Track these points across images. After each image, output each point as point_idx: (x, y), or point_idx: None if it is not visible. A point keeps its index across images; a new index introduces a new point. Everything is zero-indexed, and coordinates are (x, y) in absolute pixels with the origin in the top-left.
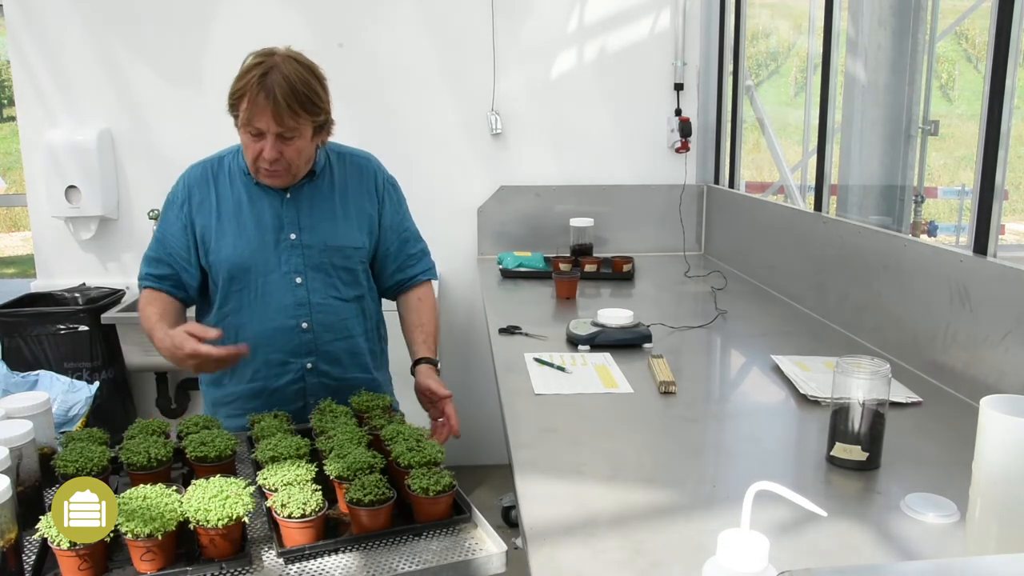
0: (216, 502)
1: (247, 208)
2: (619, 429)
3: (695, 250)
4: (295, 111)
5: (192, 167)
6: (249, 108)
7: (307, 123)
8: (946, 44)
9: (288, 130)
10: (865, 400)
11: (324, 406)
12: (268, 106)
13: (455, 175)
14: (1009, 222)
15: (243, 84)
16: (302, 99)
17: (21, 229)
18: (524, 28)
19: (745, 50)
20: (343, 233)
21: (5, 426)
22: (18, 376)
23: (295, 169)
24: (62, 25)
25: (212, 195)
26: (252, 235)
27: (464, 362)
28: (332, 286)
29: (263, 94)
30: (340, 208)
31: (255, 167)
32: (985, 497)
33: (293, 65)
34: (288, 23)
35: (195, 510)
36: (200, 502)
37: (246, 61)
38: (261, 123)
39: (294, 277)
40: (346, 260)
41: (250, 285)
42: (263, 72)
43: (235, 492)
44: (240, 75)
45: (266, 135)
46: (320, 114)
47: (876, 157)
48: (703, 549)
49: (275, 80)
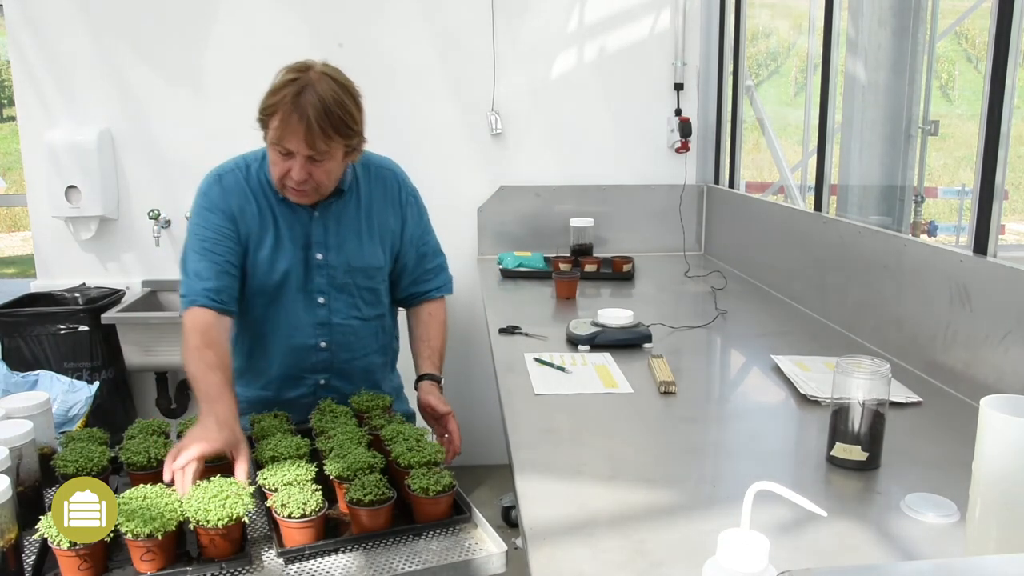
0: (216, 502)
1: (280, 222)
2: (619, 429)
3: (695, 250)
4: (328, 134)
5: (224, 174)
6: (280, 127)
7: (339, 146)
8: (946, 44)
9: (319, 153)
10: (865, 400)
11: (324, 406)
12: (300, 128)
13: (455, 175)
14: (1009, 222)
15: (276, 101)
16: (336, 121)
17: (21, 229)
18: (524, 28)
19: (745, 50)
20: (368, 253)
21: (5, 426)
22: (18, 376)
23: (322, 189)
24: (62, 25)
25: (249, 206)
26: (286, 251)
27: (464, 362)
28: (354, 306)
29: (296, 115)
30: (365, 227)
31: (281, 184)
32: (985, 497)
33: (328, 84)
34: (288, 23)
35: (195, 510)
36: (200, 502)
37: (279, 76)
38: (291, 144)
39: (317, 297)
40: (369, 280)
41: (278, 301)
42: (297, 91)
43: (235, 492)
44: (273, 90)
45: (296, 155)
46: (353, 137)
47: (876, 157)
48: (703, 549)
49: (309, 100)
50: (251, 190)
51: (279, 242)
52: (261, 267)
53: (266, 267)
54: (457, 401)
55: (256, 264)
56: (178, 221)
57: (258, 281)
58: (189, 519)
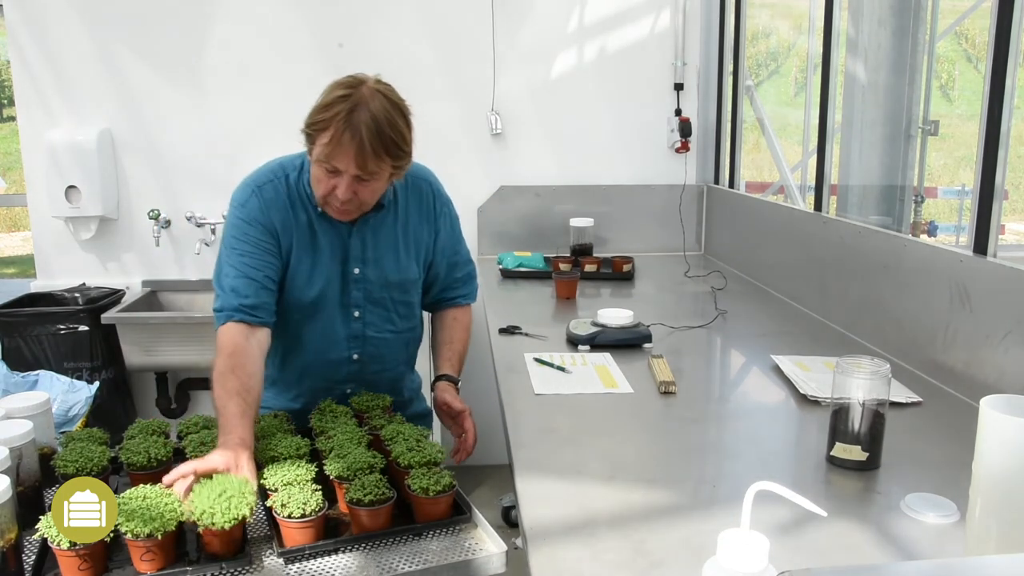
0: (220, 502)
1: (321, 237)
2: (619, 429)
3: (695, 250)
4: (379, 156)
5: (263, 185)
6: (331, 145)
7: (388, 167)
8: (946, 44)
9: (368, 174)
10: (865, 400)
11: (324, 406)
12: (352, 148)
13: (455, 175)
14: (1009, 222)
15: (327, 117)
16: (387, 143)
17: (21, 229)
18: (524, 28)
19: (745, 50)
20: (404, 267)
21: (5, 426)
22: (18, 376)
23: (365, 208)
24: (62, 25)
25: (290, 219)
26: (325, 267)
27: (464, 362)
28: (389, 320)
29: (348, 134)
30: (402, 241)
31: (323, 200)
32: (985, 497)
33: (381, 102)
34: (288, 23)
35: (201, 512)
36: (206, 503)
37: (329, 91)
38: (341, 164)
39: (353, 311)
40: (404, 294)
41: (316, 316)
42: (350, 108)
43: (238, 491)
44: (323, 105)
45: (343, 174)
46: (404, 158)
47: (876, 157)
48: (703, 549)
49: (362, 119)
50: (291, 202)
51: (318, 257)
52: (299, 281)
53: (304, 282)
54: None
55: (294, 278)
56: (178, 221)
57: (296, 296)
58: (196, 522)
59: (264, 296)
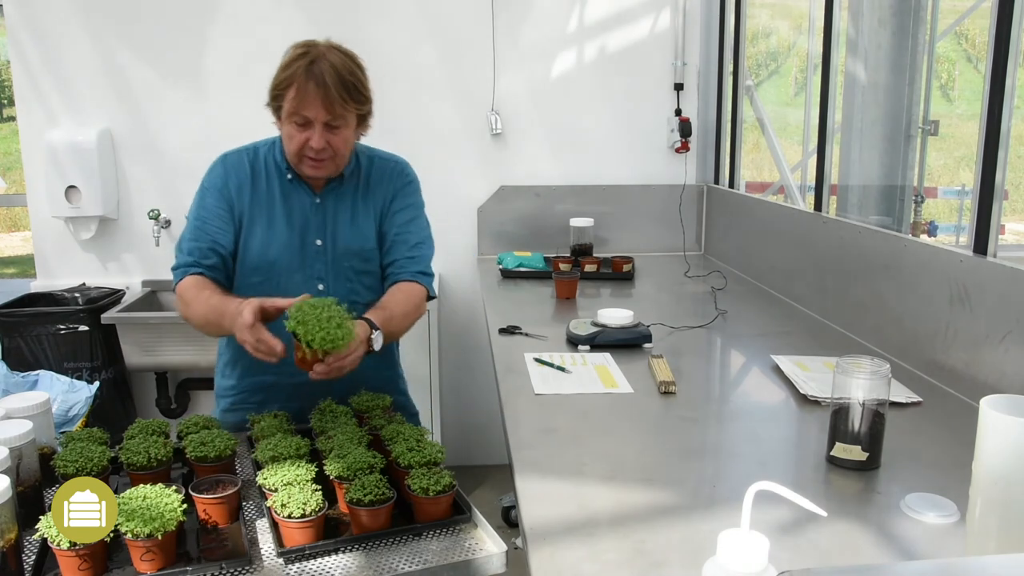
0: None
1: (279, 204)
2: (619, 429)
3: (695, 250)
4: (344, 99)
5: (228, 153)
6: (297, 97)
7: (352, 112)
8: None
9: (336, 118)
10: (865, 400)
11: (324, 406)
12: (318, 94)
13: (455, 175)
14: (1009, 222)
15: (289, 74)
16: (350, 87)
17: (21, 229)
18: (524, 28)
19: (745, 50)
20: (363, 234)
21: (5, 426)
22: (18, 376)
23: (339, 159)
24: (62, 25)
25: (248, 182)
26: (281, 232)
27: (464, 362)
28: (354, 291)
29: (312, 82)
30: (361, 208)
31: (299, 157)
32: (985, 497)
33: (338, 55)
34: (288, 23)
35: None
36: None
37: (287, 54)
38: (310, 112)
39: (316, 282)
40: (366, 263)
41: (271, 281)
42: (310, 61)
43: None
44: (284, 66)
45: (313, 124)
46: (365, 103)
47: (876, 157)
48: (703, 549)
49: (323, 68)
50: (254, 171)
51: (274, 223)
52: (253, 244)
53: (259, 245)
54: (457, 401)
55: (248, 241)
56: (178, 221)
57: (251, 259)
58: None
59: (213, 259)
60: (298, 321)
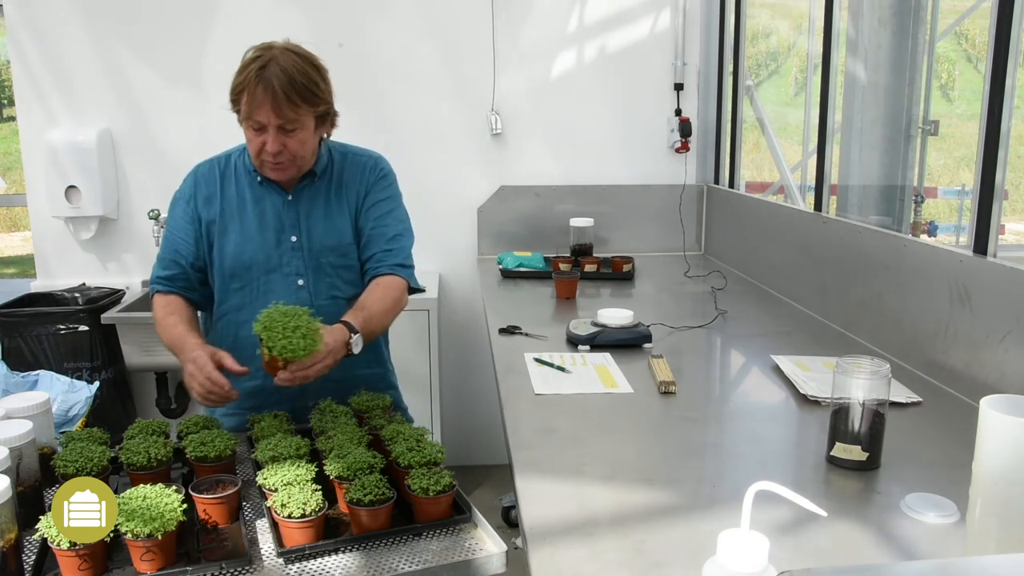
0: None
1: (251, 206)
2: (619, 429)
3: (695, 250)
4: (294, 102)
5: (200, 164)
6: (249, 102)
7: (307, 114)
8: (946, 44)
9: (289, 122)
10: (865, 400)
11: (324, 406)
12: (267, 98)
13: (455, 175)
14: (1009, 222)
15: (242, 79)
16: (301, 90)
17: (21, 229)
18: (524, 28)
19: (745, 50)
20: (339, 230)
21: (5, 426)
22: (18, 376)
23: (300, 161)
24: (62, 25)
25: (218, 191)
26: (254, 233)
27: (464, 362)
28: (334, 286)
29: (261, 87)
30: (335, 204)
31: (259, 161)
32: (985, 497)
33: (291, 57)
34: (288, 23)
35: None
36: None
37: (245, 55)
38: (261, 116)
39: (296, 279)
40: (344, 258)
41: (251, 283)
42: (261, 65)
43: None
44: (239, 70)
45: (268, 128)
46: (320, 104)
47: (876, 157)
48: (703, 549)
49: (273, 72)
50: (224, 178)
51: (247, 225)
52: (229, 250)
53: (234, 249)
54: (457, 401)
55: (223, 247)
56: None
57: (228, 263)
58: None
59: (178, 270)
60: (264, 326)
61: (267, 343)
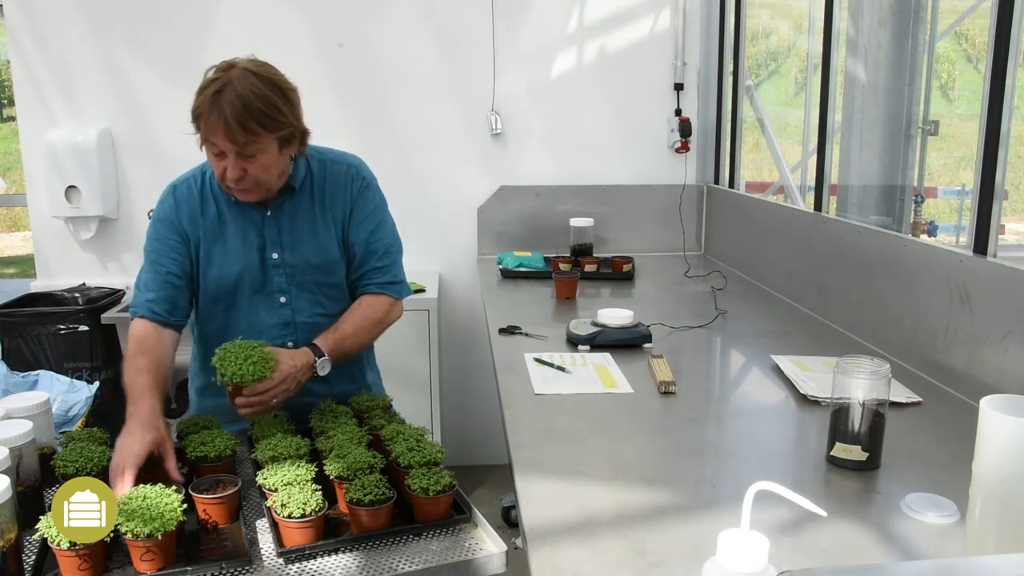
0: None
1: (231, 226)
2: (619, 429)
3: (695, 250)
4: (250, 129)
5: (177, 183)
6: (205, 127)
7: (268, 139)
8: (946, 44)
9: (245, 147)
10: (865, 400)
11: (324, 406)
12: (219, 125)
13: (455, 175)
14: (1009, 222)
15: (199, 103)
16: (258, 116)
17: (21, 229)
18: (524, 28)
19: (745, 50)
20: (325, 247)
21: (5, 426)
22: (18, 376)
23: (266, 185)
24: (62, 25)
25: (198, 211)
26: (238, 254)
27: (464, 362)
28: (318, 303)
29: (215, 113)
30: (320, 221)
31: (224, 185)
32: (985, 497)
33: (249, 80)
34: (288, 23)
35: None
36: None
37: (206, 74)
38: (217, 141)
39: (278, 297)
40: (328, 276)
41: (235, 305)
42: (216, 90)
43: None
44: (198, 92)
45: (227, 154)
46: (281, 128)
47: (876, 157)
48: (703, 549)
49: (227, 99)
50: (203, 198)
51: (230, 245)
52: (212, 271)
53: (217, 271)
54: (457, 401)
55: (207, 269)
56: None
57: (212, 287)
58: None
59: (167, 291)
60: (219, 357)
61: (220, 370)
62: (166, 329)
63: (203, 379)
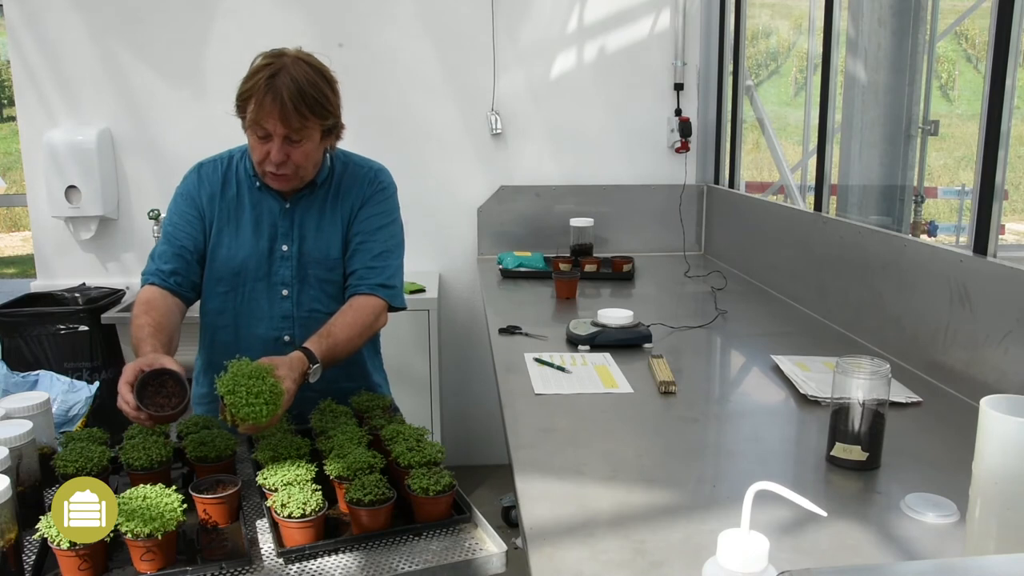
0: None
1: (248, 212)
2: (619, 429)
3: (695, 250)
4: (303, 114)
5: (204, 162)
6: (256, 109)
7: (315, 126)
8: (946, 44)
9: (295, 132)
10: (865, 400)
11: (324, 406)
12: (275, 108)
13: (455, 175)
14: (1009, 222)
15: (251, 85)
16: (310, 102)
17: (21, 229)
18: (524, 28)
19: (745, 50)
20: (328, 243)
21: (5, 426)
22: (18, 376)
23: (303, 172)
24: (62, 25)
25: (219, 191)
26: (248, 240)
27: (464, 362)
28: (318, 300)
29: (270, 96)
30: (328, 216)
31: (261, 169)
32: (985, 497)
33: (303, 67)
34: (288, 23)
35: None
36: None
37: (255, 61)
38: (268, 125)
39: (281, 289)
40: (329, 272)
41: (237, 289)
42: (271, 73)
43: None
44: (248, 76)
45: (273, 137)
46: (328, 117)
47: (876, 157)
48: (703, 549)
49: (283, 82)
50: (225, 180)
51: (242, 231)
52: (221, 253)
53: (226, 253)
54: (457, 401)
55: (216, 249)
56: None
57: (218, 266)
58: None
59: (178, 263)
60: (228, 389)
61: (231, 408)
62: (173, 297)
63: (203, 361)
